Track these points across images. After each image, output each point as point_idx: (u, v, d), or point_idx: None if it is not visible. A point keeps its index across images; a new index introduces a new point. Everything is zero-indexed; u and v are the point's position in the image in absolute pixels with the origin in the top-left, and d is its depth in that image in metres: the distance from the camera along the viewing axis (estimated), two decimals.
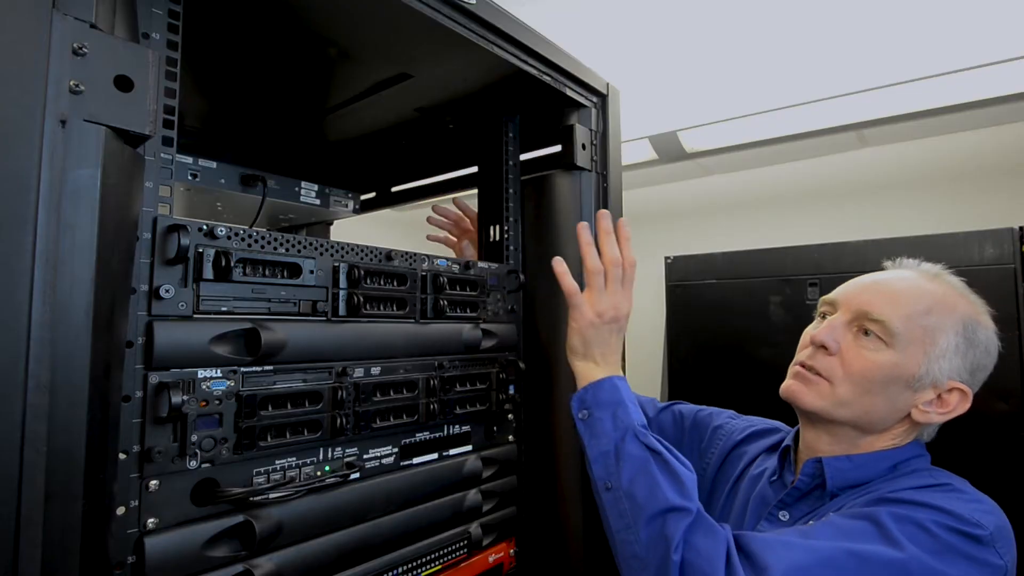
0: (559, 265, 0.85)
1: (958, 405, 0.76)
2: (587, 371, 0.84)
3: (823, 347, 0.80)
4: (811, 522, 0.74)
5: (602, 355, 0.84)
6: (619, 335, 0.86)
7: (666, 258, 2.00)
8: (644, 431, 0.78)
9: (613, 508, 0.74)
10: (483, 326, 0.91)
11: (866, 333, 0.78)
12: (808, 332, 0.87)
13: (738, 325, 1.80)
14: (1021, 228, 1.42)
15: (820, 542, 0.64)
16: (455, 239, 1.26)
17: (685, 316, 1.95)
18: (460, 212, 1.24)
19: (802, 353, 0.84)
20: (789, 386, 0.83)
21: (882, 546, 0.63)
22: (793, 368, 0.85)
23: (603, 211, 0.89)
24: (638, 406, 0.82)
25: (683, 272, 1.96)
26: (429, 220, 1.28)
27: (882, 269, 0.88)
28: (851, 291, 0.83)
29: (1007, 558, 0.65)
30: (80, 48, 0.45)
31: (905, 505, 0.67)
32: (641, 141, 2.09)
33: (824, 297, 0.87)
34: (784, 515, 0.82)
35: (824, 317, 0.86)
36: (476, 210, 1.13)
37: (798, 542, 0.64)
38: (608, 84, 1.03)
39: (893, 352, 0.76)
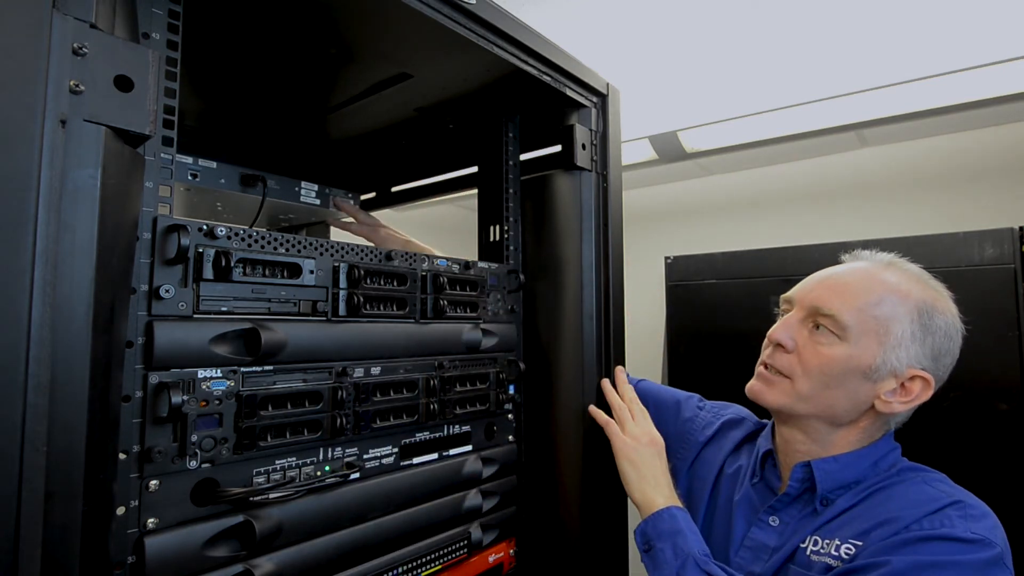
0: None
1: (920, 392, 0.76)
2: (647, 501, 0.85)
3: (780, 345, 0.82)
4: (837, 544, 0.73)
5: (654, 480, 0.87)
6: (662, 460, 0.90)
7: (666, 258, 2.00)
8: (705, 559, 0.77)
9: None
10: (483, 326, 0.90)
11: (819, 328, 0.79)
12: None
13: (738, 325, 1.80)
14: (1021, 228, 1.42)
15: None
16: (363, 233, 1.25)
17: (685, 316, 1.95)
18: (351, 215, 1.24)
19: (764, 352, 0.87)
20: (752, 386, 0.87)
21: None
22: (757, 368, 0.87)
23: (619, 367, 1.02)
24: (699, 535, 0.82)
25: (683, 272, 1.96)
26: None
27: (840, 263, 0.88)
28: (805, 288, 0.84)
29: (1011, 568, 0.66)
30: (80, 48, 0.45)
31: (937, 543, 0.66)
32: (641, 141, 2.09)
33: (783, 295, 0.88)
34: (774, 520, 0.82)
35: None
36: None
37: None
38: (608, 84, 1.03)
39: (847, 345, 0.77)
